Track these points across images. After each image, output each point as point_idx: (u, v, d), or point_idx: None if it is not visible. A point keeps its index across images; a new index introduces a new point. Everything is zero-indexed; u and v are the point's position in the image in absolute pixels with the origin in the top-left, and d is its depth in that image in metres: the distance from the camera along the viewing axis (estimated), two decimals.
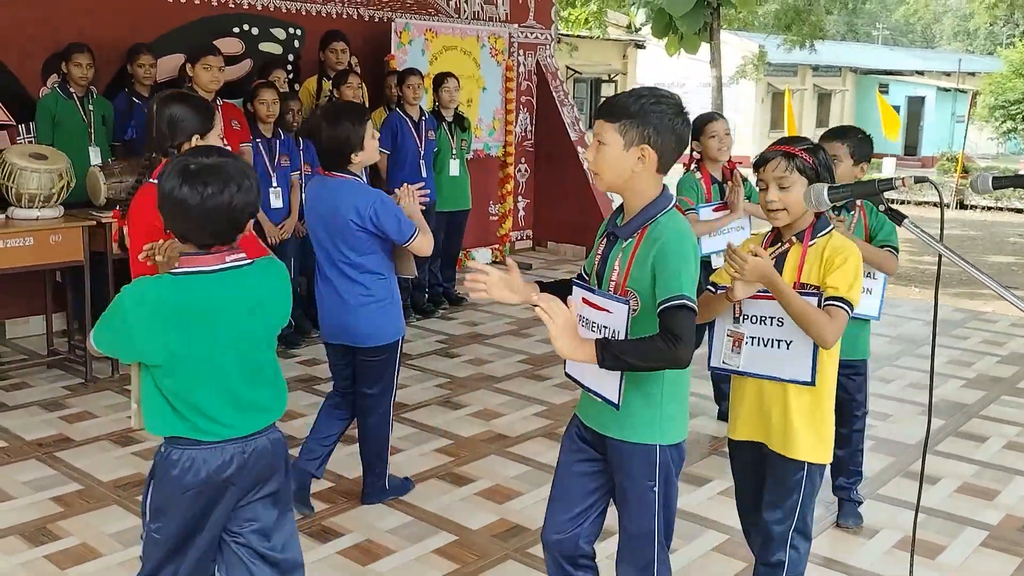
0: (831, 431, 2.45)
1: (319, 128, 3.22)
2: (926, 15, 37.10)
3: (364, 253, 3.23)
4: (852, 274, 2.30)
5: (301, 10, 6.84)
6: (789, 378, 2.34)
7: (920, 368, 5.50)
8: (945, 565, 3.19)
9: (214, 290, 2.02)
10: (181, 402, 2.04)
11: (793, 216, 2.36)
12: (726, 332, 2.42)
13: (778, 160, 2.38)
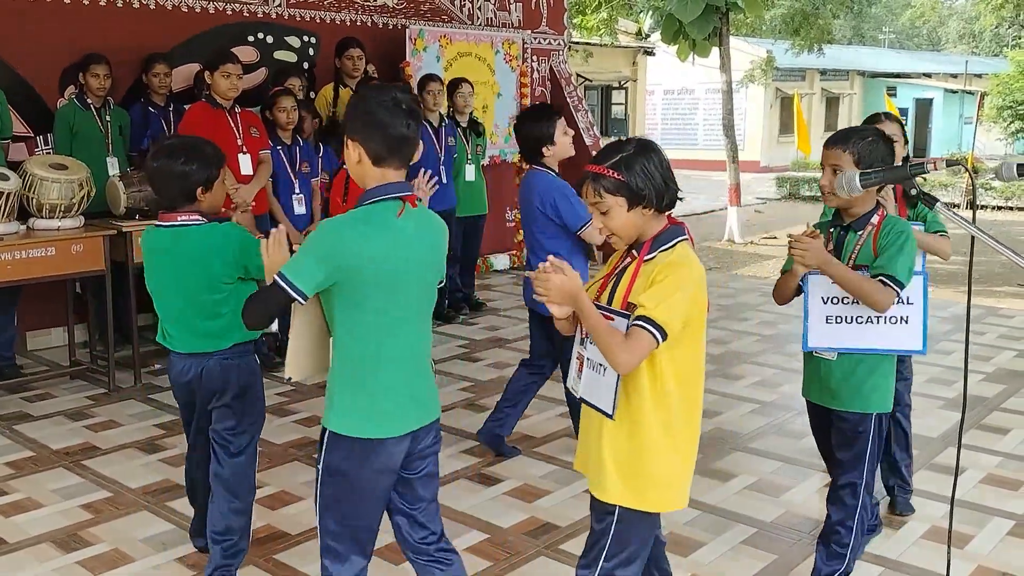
0: (658, 473, 2.09)
1: (519, 124, 3.85)
2: (932, 18, 37.08)
3: (549, 237, 3.70)
4: (669, 291, 1.98)
5: (316, 18, 6.90)
6: (600, 407, 2.06)
7: (940, 364, 5.50)
8: (974, 554, 3.18)
9: (166, 240, 2.83)
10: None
11: (625, 239, 2.10)
12: (575, 354, 2.18)
13: (586, 186, 2.12)
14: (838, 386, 2.68)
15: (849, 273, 2.51)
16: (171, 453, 4.14)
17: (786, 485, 3.79)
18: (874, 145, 2.49)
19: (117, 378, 5.07)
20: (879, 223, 2.58)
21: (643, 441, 2.06)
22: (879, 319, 2.56)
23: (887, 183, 1.97)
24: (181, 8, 6.22)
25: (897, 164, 2.03)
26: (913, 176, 1.89)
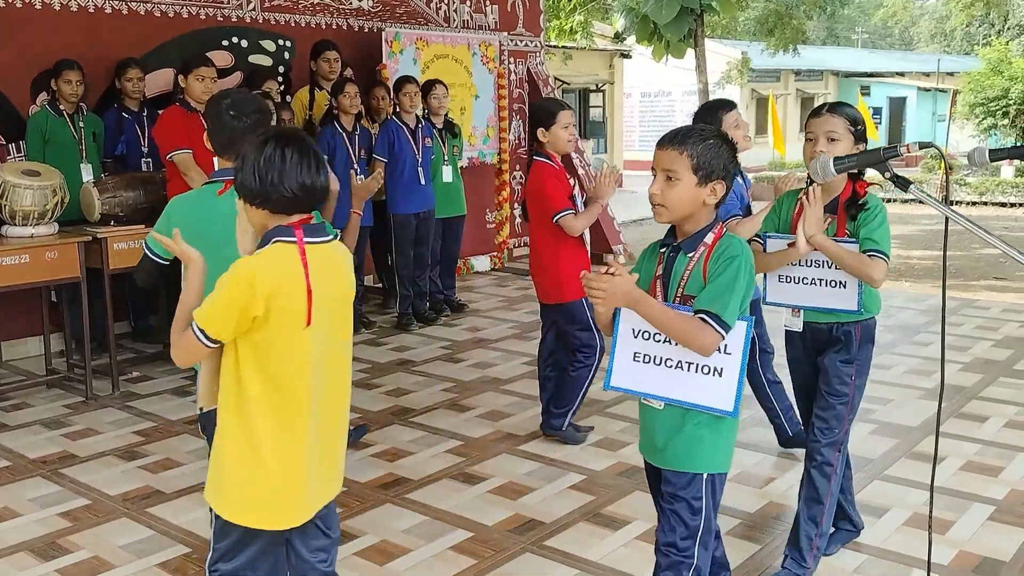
0: (232, 485, 2.06)
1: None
2: (904, 18, 37.56)
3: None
4: None
5: (291, 22, 6.88)
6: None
7: (917, 355, 5.55)
8: (955, 540, 3.21)
9: None
10: None
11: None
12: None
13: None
14: (664, 442, 2.23)
15: (660, 311, 2.09)
16: (150, 460, 4.09)
17: (768, 476, 3.80)
18: (715, 150, 2.09)
19: (94, 386, 5.01)
20: (713, 243, 2.12)
21: (221, 445, 2.02)
22: (691, 366, 2.12)
23: (861, 167, 1.98)
24: (154, 13, 6.18)
25: (871, 148, 2.04)
26: (887, 159, 1.91)
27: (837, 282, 2.76)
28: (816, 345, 2.90)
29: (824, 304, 2.81)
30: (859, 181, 2.74)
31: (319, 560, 2.14)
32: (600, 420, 4.48)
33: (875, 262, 2.65)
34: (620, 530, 3.32)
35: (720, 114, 3.60)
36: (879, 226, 2.68)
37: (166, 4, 6.23)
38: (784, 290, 2.88)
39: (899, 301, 7.22)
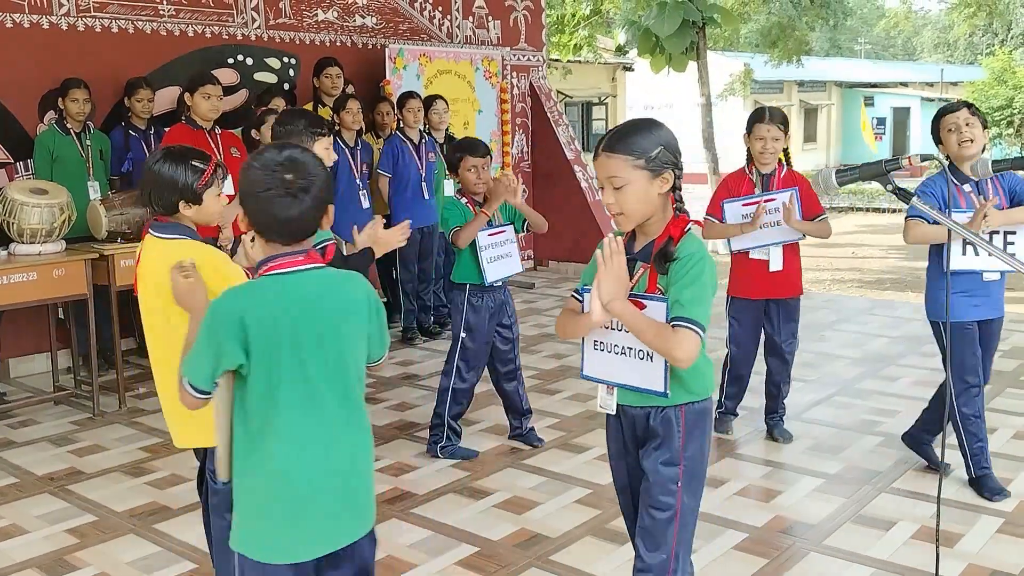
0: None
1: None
2: (906, 27, 37.63)
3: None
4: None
5: (295, 39, 6.93)
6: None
7: (924, 366, 5.53)
8: (964, 553, 3.19)
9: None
10: None
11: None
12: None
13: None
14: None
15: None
16: (157, 476, 4.10)
17: (776, 490, 3.79)
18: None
19: (101, 403, 5.02)
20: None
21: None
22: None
23: (864, 179, 1.99)
24: (160, 32, 6.23)
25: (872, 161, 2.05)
26: (888, 172, 1.91)
27: (645, 353, 2.13)
28: (634, 435, 2.26)
29: (629, 382, 2.17)
30: (677, 217, 2.13)
31: None
32: (603, 435, 4.46)
33: (679, 335, 2.02)
34: (626, 545, 3.30)
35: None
36: (692, 283, 2.04)
37: (172, 23, 6.28)
38: (598, 360, 2.25)
39: (905, 312, 7.21)
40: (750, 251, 4.11)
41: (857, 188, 17.35)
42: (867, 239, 13.09)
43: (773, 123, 3.96)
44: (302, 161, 1.93)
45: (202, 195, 2.55)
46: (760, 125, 3.97)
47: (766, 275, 4.12)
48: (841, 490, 3.76)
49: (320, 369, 1.89)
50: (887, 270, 10.28)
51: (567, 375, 5.53)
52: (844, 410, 4.75)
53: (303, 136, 3.14)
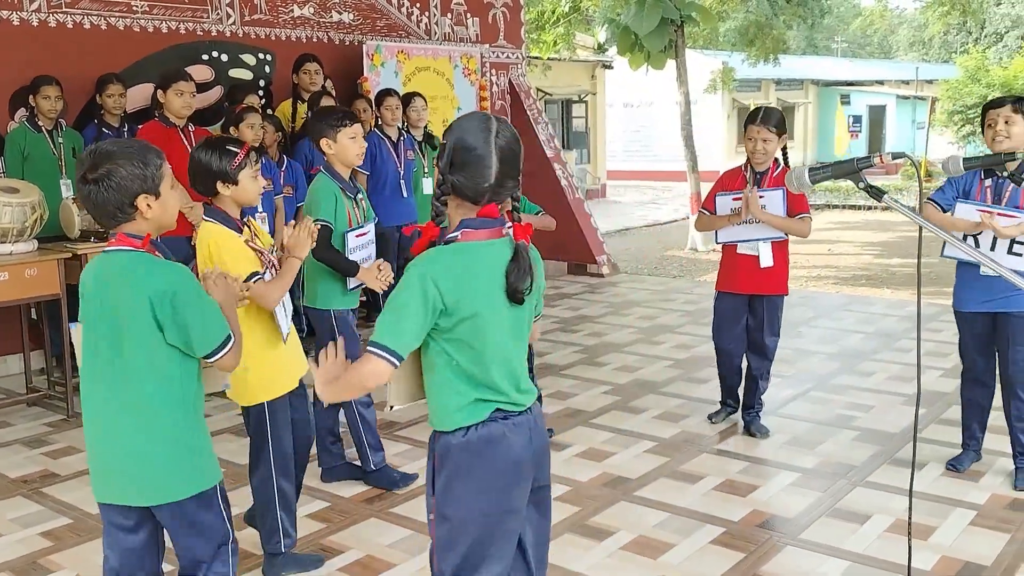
0: None
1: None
2: (882, 26, 37.97)
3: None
4: None
5: (271, 35, 6.88)
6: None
7: (898, 361, 5.59)
8: (937, 545, 3.23)
9: None
10: None
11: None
12: None
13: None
14: None
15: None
16: None
17: (753, 484, 3.81)
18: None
19: (75, 404, 4.97)
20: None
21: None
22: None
23: (836, 178, 2.00)
24: (133, 28, 6.17)
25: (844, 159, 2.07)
26: (860, 170, 1.93)
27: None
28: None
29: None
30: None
31: None
32: (585, 431, 4.49)
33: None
34: (606, 540, 3.32)
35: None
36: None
37: (145, 19, 6.22)
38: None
39: (880, 308, 7.29)
40: (737, 245, 4.19)
41: (833, 185, 17.50)
42: (843, 236, 13.20)
43: (764, 124, 4.07)
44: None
45: (237, 176, 2.86)
46: (751, 126, 4.11)
47: (754, 271, 4.18)
48: (817, 484, 3.79)
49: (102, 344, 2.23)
50: (862, 267, 10.37)
51: (548, 373, 5.54)
52: (820, 405, 4.80)
53: (325, 128, 3.49)
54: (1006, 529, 3.33)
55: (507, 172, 1.97)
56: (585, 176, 20.98)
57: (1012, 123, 3.39)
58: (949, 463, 3.89)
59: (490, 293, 1.96)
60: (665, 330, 6.65)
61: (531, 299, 2.04)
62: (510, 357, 2.02)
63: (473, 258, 1.96)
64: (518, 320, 2.03)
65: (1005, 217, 3.35)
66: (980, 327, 3.69)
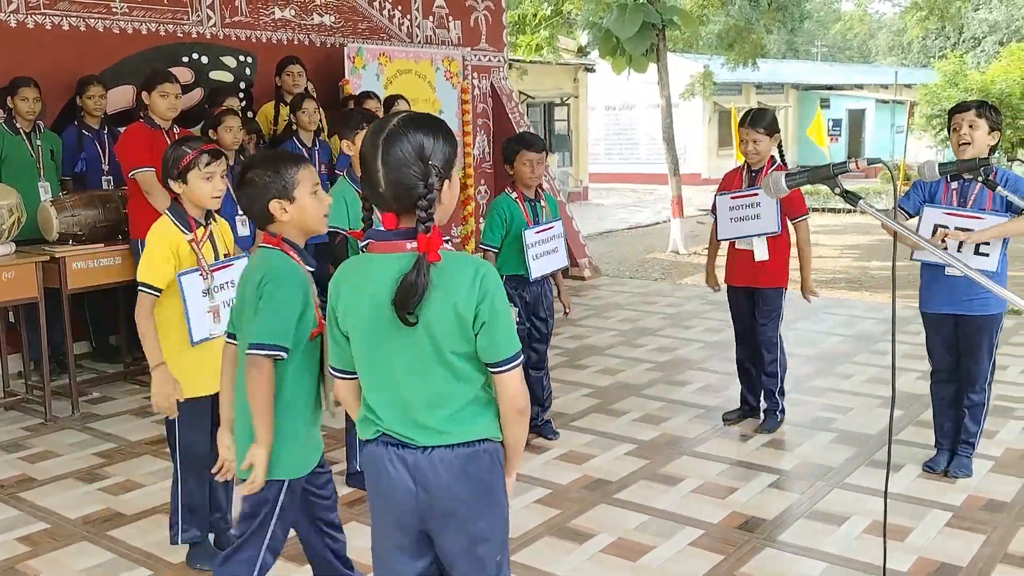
0: None
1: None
2: (861, 31, 38.31)
3: None
4: None
5: (252, 38, 6.86)
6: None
7: (876, 363, 5.65)
8: (913, 546, 3.26)
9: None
10: None
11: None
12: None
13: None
14: None
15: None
16: (111, 482, 4.03)
17: (731, 486, 3.84)
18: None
19: (53, 408, 4.93)
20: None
21: None
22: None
23: (812, 183, 2.03)
24: (112, 30, 6.13)
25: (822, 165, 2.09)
26: (836, 175, 1.96)
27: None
28: None
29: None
30: None
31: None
32: (566, 434, 4.50)
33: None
34: (585, 543, 3.33)
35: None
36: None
37: (125, 21, 6.18)
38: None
39: (858, 311, 7.35)
40: (735, 242, 4.38)
41: (813, 189, 17.63)
42: (822, 239, 13.30)
43: (753, 126, 4.24)
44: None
45: (186, 176, 2.94)
46: (742, 129, 4.31)
47: (750, 265, 4.34)
48: (795, 486, 3.83)
49: None
50: (841, 269, 10.46)
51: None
52: (798, 407, 4.83)
53: (347, 132, 3.72)
54: (982, 530, 3.37)
55: (394, 179, 1.76)
56: (567, 179, 21.02)
57: (976, 127, 3.51)
58: (926, 464, 3.94)
59: (375, 314, 1.81)
60: (646, 333, 6.68)
61: (447, 326, 1.78)
62: (398, 387, 1.84)
63: (366, 272, 1.84)
64: (416, 349, 1.81)
65: (969, 218, 3.43)
66: (945, 327, 3.76)
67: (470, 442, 1.86)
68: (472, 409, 1.86)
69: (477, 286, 1.78)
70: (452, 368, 1.82)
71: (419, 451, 1.85)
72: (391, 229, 1.82)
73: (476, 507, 1.88)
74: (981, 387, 3.76)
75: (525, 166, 4.11)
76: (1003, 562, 3.14)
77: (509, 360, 1.83)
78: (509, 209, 4.16)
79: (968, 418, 3.79)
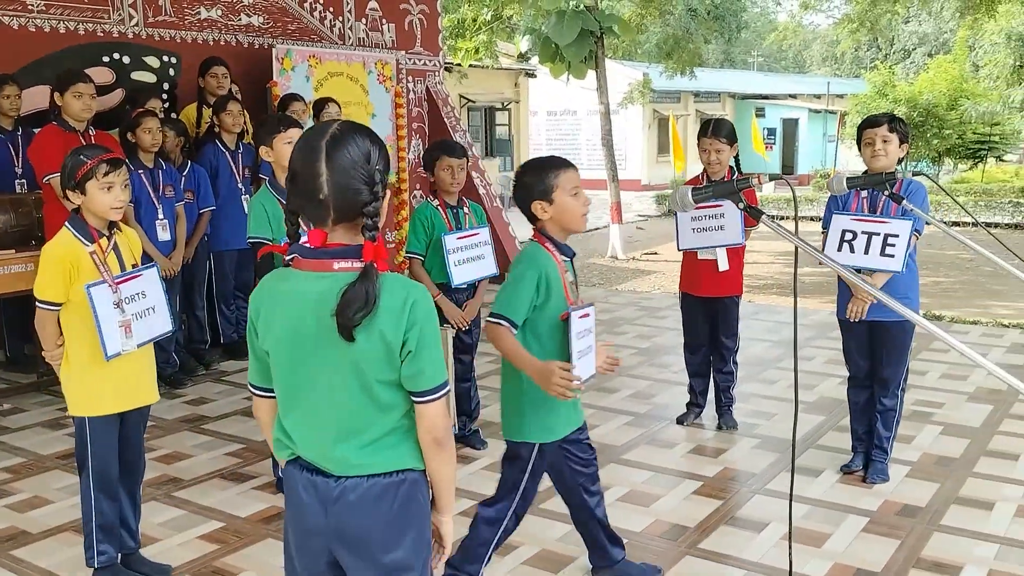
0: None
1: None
2: (795, 41, 39.26)
3: None
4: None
5: (176, 37, 6.67)
6: None
7: (802, 369, 5.74)
8: (831, 552, 3.31)
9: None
10: None
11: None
12: None
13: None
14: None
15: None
16: (18, 499, 3.87)
17: (656, 494, 3.85)
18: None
19: None
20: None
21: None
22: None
23: (716, 197, 2.04)
24: (28, 28, 5.91)
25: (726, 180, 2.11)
26: (740, 190, 1.97)
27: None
28: None
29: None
30: None
31: None
32: (495, 443, 4.46)
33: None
34: (507, 556, 3.30)
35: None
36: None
37: (42, 19, 5.96)
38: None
39: (786, 316, 7.48)
40: (698, 252, 4.41)
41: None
42: (754, 245, 13.53)
43: (716, 136, 4.27)
44: None
45: (84, 185, 2.84)
46: (704, 139, 4.32)
47: (714, 275, 4.41)
48: (718, 493, 3.85)
49: None
50: (772, 275, 10.66)
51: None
52: None
53: (264, 137, 3.60)
54: (897, 535, 3.43)
55: (342, 185, 1.69)
56: (508, 184, 21.05)
57: (888, 142, 3.60)
58: (843, 467, 4.01)
59: (295, 334, 1.74)
60: None
61: (372, 352, 1.71)
62: (314, 413, 1.77)
63: (289, 290, 1.76)
64: (337, 373, 1.73)
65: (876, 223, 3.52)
66: (861, 333, 3.84)
67: (387, 473, 1.79)
68: (391, 439, 1.80)
69: (406, 313, 1.71)
70: (373, 396, 1.75)
71: (332, 479, 1.79)
72: (319, 247, 1.74)
73: (390, 537, 1.81)
74: (894, 392, 3.84)
75: (445, 172, 4.08)
76: (916, 567, 3.20)
77: (434, 390, 1.77)
78: (431, 217, 4.12)
79: (880, 423, 3.88)
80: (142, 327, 2.95)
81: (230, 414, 5.00)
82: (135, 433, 3.11)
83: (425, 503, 1.86)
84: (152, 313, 2.99)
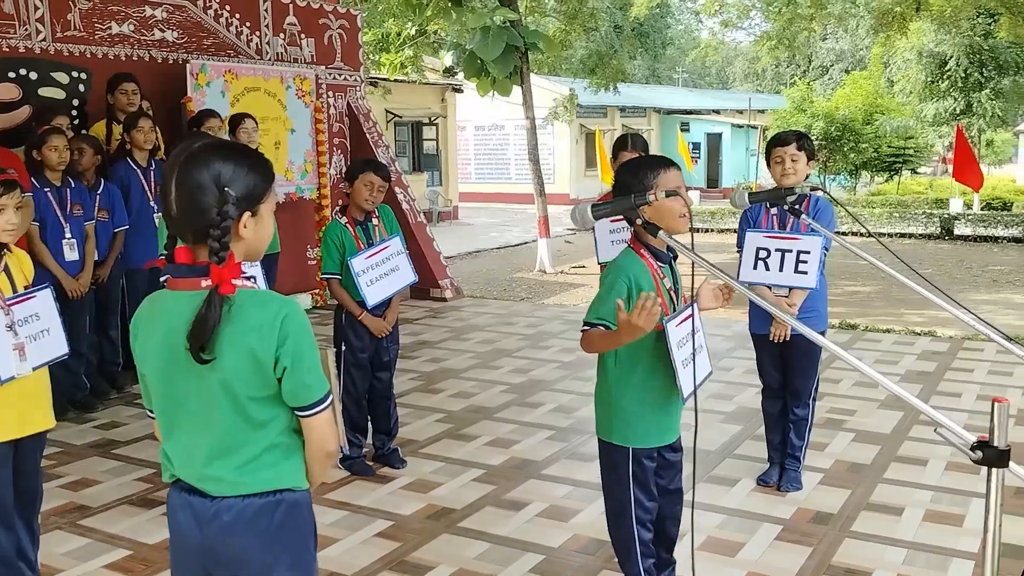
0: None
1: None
2: (716, 58, 40.31)
3: None
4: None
5: (86, 53, 6.48)
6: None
7: (719, 380, 5.84)
8: (745, 561, 3.36)
9: None
10: None
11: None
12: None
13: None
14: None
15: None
16: None
17: (575, 508, 3.86)
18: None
19: None
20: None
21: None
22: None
23: (615, 214, 2.06)
24: None
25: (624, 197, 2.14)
26: (638, 207, 1.99)
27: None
28: None
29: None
30: None
31: None
32: (414, 461, 4.42)
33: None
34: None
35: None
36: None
37: None
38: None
39: (708, 327, 7.59)
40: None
41: None
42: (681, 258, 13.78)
43: (634, 150, 4.40)
44: None
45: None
46: (623, 152, 4.43)
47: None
48: None
49: None
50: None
51: None
52: None
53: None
54: (808, 543, 3.50)
55: (186, 204, 1.68)
56: (437, 198, 21.01)
57: (797, 160, 3.69)
58: (759, 478, 4.08)
59: (167, 356, 1.72)
60: (504, 354, 6.69)
61: (242, 371, 1.69)
62: (188, 434, 1.76)
63: (161, 311, 1.74)
64: (207, 394, 1.71)
65: (787, 239, 3.62)
66: (772, 346, 3.93)
67: (263, 493, 1.76)
68: (269, 458, 1.76)
69: (277, 329, 1.68)
70: (246, 414, 1.72)
71: (207, 500, 1.77)
72: (186, 264, 1.71)
73: (266, 560, 1.78)
74: (805, 402, 3.94)
75: (366, 187, 4.03)
76: (827, 574, 3.26)
77: (319, 402, 1.75)
78: (340, 236, 4.07)
79: (793, 432, 3.96)
80: (36, 350, 2.84)
81: (142, 438, 4.85)
82: (31, 460, 2.99)
83: (307, 526, 1.85)
84: (47, 335, 2.88)
